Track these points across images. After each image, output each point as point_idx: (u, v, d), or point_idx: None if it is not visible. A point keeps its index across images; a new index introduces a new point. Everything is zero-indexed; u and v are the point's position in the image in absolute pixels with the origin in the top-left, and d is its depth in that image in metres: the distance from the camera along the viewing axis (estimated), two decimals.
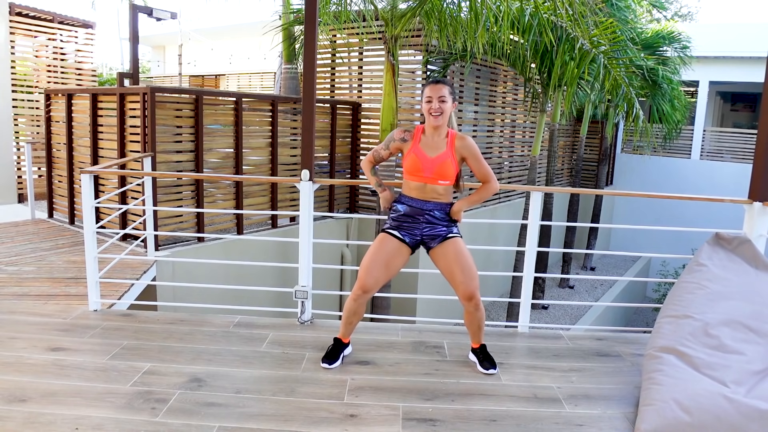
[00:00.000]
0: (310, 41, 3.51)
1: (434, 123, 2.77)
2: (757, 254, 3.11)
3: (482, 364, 2.98)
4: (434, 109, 2.75)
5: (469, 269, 2.80)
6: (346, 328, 2.99)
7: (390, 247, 2.84)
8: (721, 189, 14.42)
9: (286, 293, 3.86)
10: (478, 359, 3.02)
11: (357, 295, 2.84)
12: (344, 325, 2.99)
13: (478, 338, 3.00)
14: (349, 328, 3.00)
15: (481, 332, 2.98)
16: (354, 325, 3.00)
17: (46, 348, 3.06)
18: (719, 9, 41.21)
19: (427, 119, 2.80)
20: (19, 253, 5.24)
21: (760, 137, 3.42)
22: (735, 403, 2.31)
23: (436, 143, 2.81)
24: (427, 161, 2.79)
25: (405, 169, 2.87)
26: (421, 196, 2.85)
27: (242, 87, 16.64)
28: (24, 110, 8.81)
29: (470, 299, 2.81)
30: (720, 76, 15.91)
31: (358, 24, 6.99)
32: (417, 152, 2.81)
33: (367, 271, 2.80)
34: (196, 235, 5.83)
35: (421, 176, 2.81)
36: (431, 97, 2.75)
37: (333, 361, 2.96)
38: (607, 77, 7.44)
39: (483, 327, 2.97)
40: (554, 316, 10.36)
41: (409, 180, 2.86)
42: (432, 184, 2.81)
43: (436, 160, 2.78)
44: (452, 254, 2.81)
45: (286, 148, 6.88)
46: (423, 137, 2.84)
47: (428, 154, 2.80)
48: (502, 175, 10.54)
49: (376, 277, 2.81)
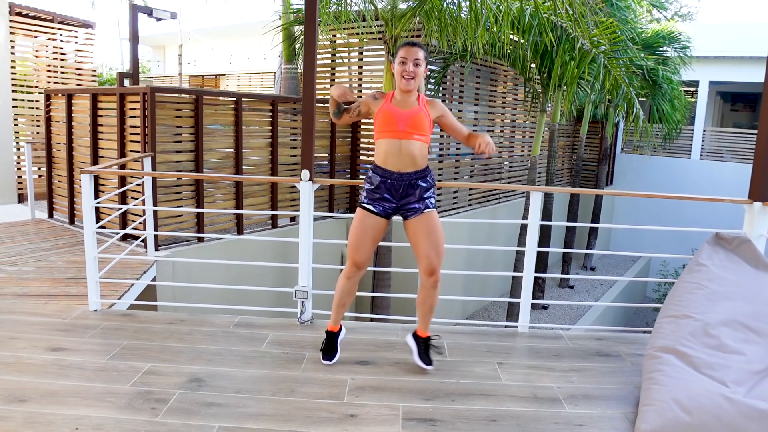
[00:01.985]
0: (310, 41, 3.51)
1: (406, 87, 2.66)
2: (757, 254, 3.10)
3: (421, 357, 2.93)
4: (408, 71, 2.63)
5: (438, 245, 2.76)
6: (338, 312, 2.93)
7: (371, 222, 2.77)
8: (721, 189, 14.41)
9: (286, 293, 3.86)
10: (418, 348, 2.95)
11: (351, 273, 2.80)
12: (336, 309, 2.93)
13: (426, 323, 2.94)
14: (341, 312, 2.94)
15: (431, 317, 2.93)
16: (346, 307, 2.93)
17: (46, 348, 3.06)
18: (719, 9, 41.22)
19: (399, 82, 2.67)
20: (19, 253, 5.24)
21: (760, 137, 3.42)
22: (735, 403, 2.31)
23: (408, 103, 2.72)
24: (400, 114, 2.68)
25: (378, 128, 2.74)
26: (397, 166, 2.71)
27: (242, 87, 16.64)
28: (24, 110, 8.81)
29: (431, 274, 2.76)
30: (720, 76, 15.91)
31: (358, 24, 6.99)
32: (389, 107, 2.71)
33: (356, 248, 2.76)
34: (196, 235, 5.83)
35: (395, 130, 2.67)
36: (406, 58, 2.64)
37: (332, 356, 2.94)
38: (607, 77, 7.44)
39: (433, 311, 2.92)
40: (554, 316, 10.36)
41: (383, 137, 2.72)
42: (408, 139, 2.67)
43: (410, 113, 2.68)
44: (425, 227, 2.75)
45: (286, 148, 6.88)
46: (394, 99, 2.74)
47: (400, 108, 2.70)
48: (502, 175, 10.54)
49: (365, 253, 2.78)
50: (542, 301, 4.96)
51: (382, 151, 2.74)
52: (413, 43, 2.69)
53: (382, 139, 2.73)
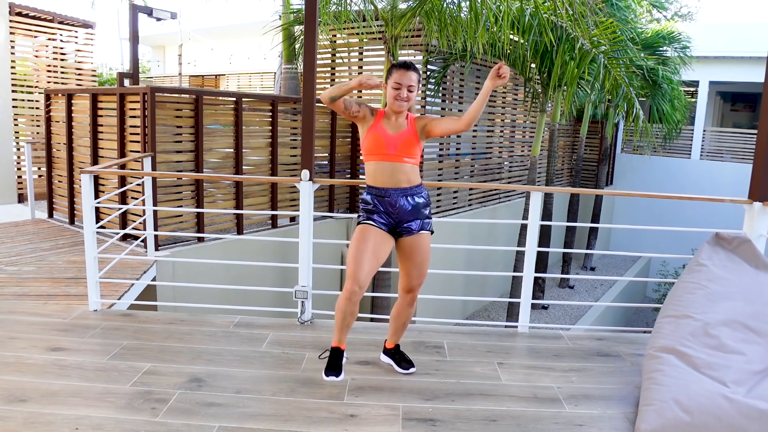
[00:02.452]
0: (310, 41, 3.51)
1: (398, 109, 2.68)
2: (757, 254, 3.10)
3: (400, 365, 2.95)
4: (402, 97, 2.66)
5: (422, 267, 2.80)
6: (342, 332, 2.76)
7: (372, 233, 2.69)
8: (721, 189, 14.41)
9: (286, 293, 3.86)
10: (394, 360, 2.97)
11: (351, 293, 2.62)
12: (340, 330, 2.75)
13: (397, 337, 2.97)
14: (345, 332, 2.77)
15: (402, 332, 2.95)
16: (350, 327, 2.76)
17: (46, 348, 3.06)
18: (719, 9, 41.22)
19: (391, 104, 2.69)
20: (19, 253, 5.24)
21: (760, 137, 3.42)
22: (735, 403, 2.31)
23: (397, 124, 2.73)
24: (389, 138, 2.68)
25: (367, 150, 2.73)
26: (389, 183, 2.70)
27: (242, 87, 16.64)
28: (24, 110, 8.81)
29: (410, 291, 2.82)
30: (720, 76, 15.91)
31: (358, 24, 6.99)
32: (378, 129, 2.70)
33: (358, 265, 2.62)
34: (196, 235, 5.83)
35: (385, 154, 2.68)
36: (400, 84, 2.64)
37: (338, 373, 2.79)
38: (607, 77, 7.44)
39: (406, 327, 2.95)
40: (554, 316, 10.36)
41: (373, 160, 2.71)
42: (398, 163, 2.69)
43: (400, 137, 2.69)
44: (416, 247, 2.76)
45: (286, 148, 6.88)
46: (384, 119, 2.74)
47: (390, 131, 2.70)
48: (502, 175, 10.54)
49: (367, 270, 2.63)
50: (542, 301, 4.97)
51: (372, 172, 2.74)
52: (408, 65, 2.67)
53: (372, 161, 2.73)
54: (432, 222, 2.84)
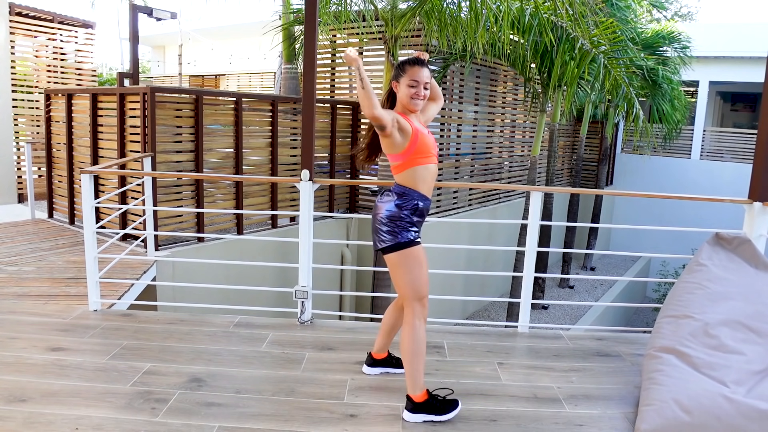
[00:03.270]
0: (310, 41, 3.51)
1: (415, 108, 2.53)
2: (757, 254, 3.11)
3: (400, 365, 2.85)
4: (420, 95, 2.52)
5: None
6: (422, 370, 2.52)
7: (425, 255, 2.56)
8: (721, 189, 14.43)
9: (286, 293, 3.87)
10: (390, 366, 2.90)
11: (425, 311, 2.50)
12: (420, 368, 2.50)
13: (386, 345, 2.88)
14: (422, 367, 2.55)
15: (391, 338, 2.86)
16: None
17: (46, 348, 3.06)
18: (719, 9, 41.22)
19: (407, 103, 2.52)
20: (19, 253, 5.24)
21: (760, 137, 3.42)
22: (735, 403, 2.31)
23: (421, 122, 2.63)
24: (432, 138, 2.56)
25: (418, 152, 2.49)
26: (430, 192, 2.56)
27: (242, 87, 16.65)
28: (24, 110, 8.81)
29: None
30: (720, 76, 15.91)
31: (358, 24, 6.99)
32: (420, 130, 2.51)
33: (424, 283, 2.49)
34: (196, 235, 5.83)
35: (432, 156, 2.54)
36: (417, 81, 2.49)
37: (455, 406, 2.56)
38: (607, 77, 7.44)
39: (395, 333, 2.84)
40: (554, 316, 10.36)
41: (422, 164, 2.50)
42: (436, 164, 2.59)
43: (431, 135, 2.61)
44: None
45: (286, 148, 6.88)
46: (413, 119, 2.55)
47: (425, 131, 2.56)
48: (502, 175, 10.55)
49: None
50: (542, 301, 4.96)
51: (422, 177, 2.51)
52: (421, 61, 2.55)
53: (423, 165, 2.51)
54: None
